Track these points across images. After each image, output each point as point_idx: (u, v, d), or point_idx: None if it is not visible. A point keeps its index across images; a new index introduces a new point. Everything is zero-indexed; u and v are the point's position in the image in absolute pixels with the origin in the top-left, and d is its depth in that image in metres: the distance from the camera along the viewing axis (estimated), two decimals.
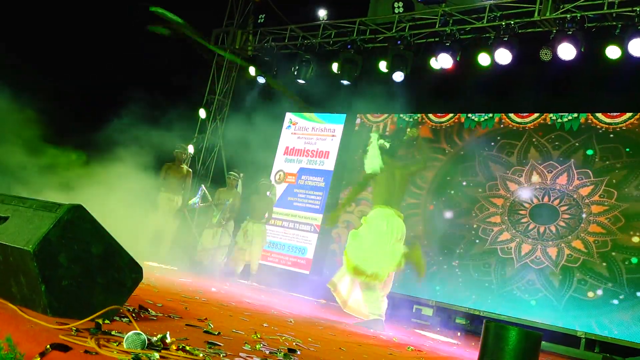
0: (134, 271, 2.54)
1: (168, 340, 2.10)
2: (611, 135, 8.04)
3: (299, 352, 2.80)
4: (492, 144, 8.93)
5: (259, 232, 9.49)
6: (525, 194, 8.48)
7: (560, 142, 8.40)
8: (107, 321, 2.43)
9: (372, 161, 5.60)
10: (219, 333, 2.83)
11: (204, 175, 11.77)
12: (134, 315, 2.77)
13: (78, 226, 2.33)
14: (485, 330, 1.64)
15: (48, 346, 1.83)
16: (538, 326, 7.77)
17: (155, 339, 2.08)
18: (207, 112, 11.66)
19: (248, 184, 10.87)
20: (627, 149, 7.90)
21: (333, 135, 10.44)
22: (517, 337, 1.53)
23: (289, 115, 11.13)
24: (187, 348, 2.13)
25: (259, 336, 3.08)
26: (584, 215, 7.91)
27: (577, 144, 8.25)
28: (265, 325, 3.76)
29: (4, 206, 2.51)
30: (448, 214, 9.01)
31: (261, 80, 11.13)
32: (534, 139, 8.61)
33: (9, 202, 2.52)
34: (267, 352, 2.60)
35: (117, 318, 2.54)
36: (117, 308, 2.28)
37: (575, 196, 8.05)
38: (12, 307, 2.27)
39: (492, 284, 8.34)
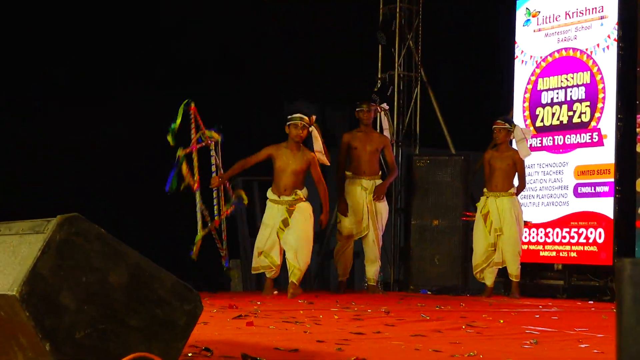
0: (186, 300, 2.70)
1: None
2: None
3: None
4: None
5: (508, 210, 9.33)
6: None
7: None
8: None
9: None
10: None
11: (409, 136, 11.90)
12: None
13: (79, 247, 2.53)
14: (618, 275, 1.55)
15: None
16: None
17: None
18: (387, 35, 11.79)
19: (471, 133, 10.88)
20: None
21: (602, 17, 10.02)
22: None
23: (523, 5, 10.89)
24: None
25: None
26: None
27: None
28: (471, 354, 3.80)
29: None
30: None
31: None
32: None
33: None
34: None
35: None
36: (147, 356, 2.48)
37: None
38: None
39: None
